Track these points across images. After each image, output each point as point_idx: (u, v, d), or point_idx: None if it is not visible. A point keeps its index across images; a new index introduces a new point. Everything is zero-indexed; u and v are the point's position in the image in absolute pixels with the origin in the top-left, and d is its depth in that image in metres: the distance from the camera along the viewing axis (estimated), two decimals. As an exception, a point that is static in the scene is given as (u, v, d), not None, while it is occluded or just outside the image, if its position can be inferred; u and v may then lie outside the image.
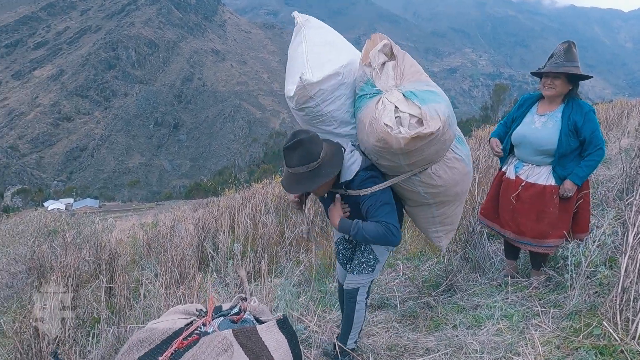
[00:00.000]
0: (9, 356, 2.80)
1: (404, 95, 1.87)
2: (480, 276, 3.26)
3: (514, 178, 2.92)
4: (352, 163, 2.00)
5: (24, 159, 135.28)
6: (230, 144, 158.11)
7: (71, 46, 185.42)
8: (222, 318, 1.92)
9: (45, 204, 64.09)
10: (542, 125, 2.80)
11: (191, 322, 1.88)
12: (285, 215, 5.37)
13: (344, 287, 2.30)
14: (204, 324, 1.84)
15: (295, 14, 2.23)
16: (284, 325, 1.85)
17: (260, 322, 1.91)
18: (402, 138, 1.79)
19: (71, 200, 78.45)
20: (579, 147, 2.75)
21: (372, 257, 2.22)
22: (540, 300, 2.71)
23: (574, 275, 2.65)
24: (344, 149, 2.04)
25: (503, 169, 3.06)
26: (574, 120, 2.70)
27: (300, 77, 1.93)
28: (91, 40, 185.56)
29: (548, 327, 2.38)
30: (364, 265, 2.22)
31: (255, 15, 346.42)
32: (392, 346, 2.52)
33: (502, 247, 3.51)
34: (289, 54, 2.21)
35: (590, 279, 2.59)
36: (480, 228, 3.46)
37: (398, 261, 3.78)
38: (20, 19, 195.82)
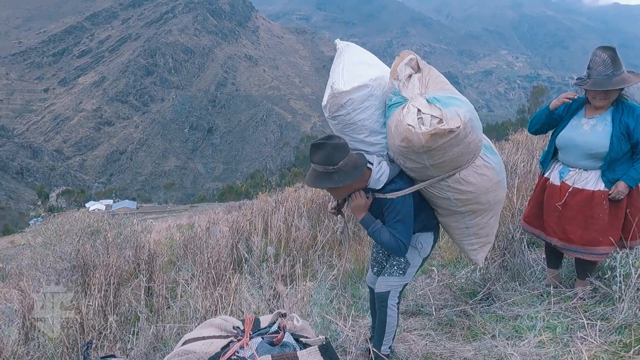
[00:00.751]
0: (55, 350, 2.93)
1: (427, 100, 2.01)
2: (520, 285, 3.15)
3: (559, 184, 2.82)
4: (381, 175, 2.12)
5: (68, 162, 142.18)
6: (262, 147, 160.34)
7: (112, 54, 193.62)
8: (260, 339, 1.82)
9: (87, 205, 67.11)
10: (591, 129, 2.71)
11: (228, 345, 1.78)
12: (318, 219, 5.39)
13: (375, 290, 2.34)
14: (241, 347, 1.74)
15: (337, 41, 2.40)
16: (327, 351, 1.73)
17: (300, 342, 1.80)
18: (422, 134, 1.91)
19: (111, 201, 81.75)
20: (629, 151, 2.64)
21: (403, 260, 2.26)
22: (585, 312, 2.59)
23: (623, 286, 2.52)
24: (372, 165, 2.15)
25: (546, 175, 2.96)
26: (625, 123, 2.59)
27: (331, 86, 2.13)
28: (131, 47, 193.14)
29: (595, 340, 2.27)
30: (395, 267, 2.27)
31: (288, 21, 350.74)
32: (428, 354, 2.47)
33: (543, 256, 3.38)
34: (330, 73, 2.36)
35: (641, 291, 2.45)
36: (521, 235, 3.34)
37: (433, 267, 3.71)
38: (67, 28, 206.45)
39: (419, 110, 1.97)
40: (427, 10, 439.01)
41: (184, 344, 1.82)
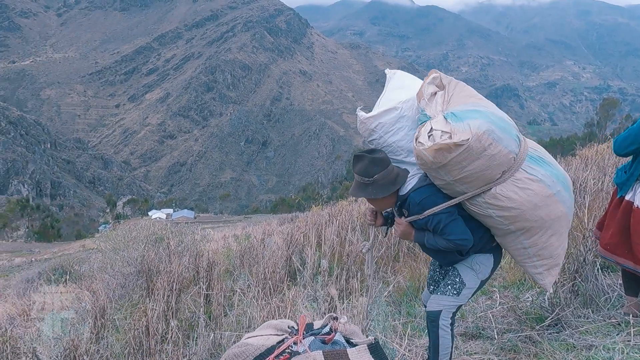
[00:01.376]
0: (122, 351, 3.10)
1: (444, 117, 2.00)
2: (593, 312, 2.91)
3: None
4: (408, 184, 2.17)
5: (134, 172, 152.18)
6: (315, 160, 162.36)
7: (177, 71, 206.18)
8: (312, 337, 1.90)
9: (150, 213, 71.16)
10: None
11: (283, 340, 1.89)
12: (372, 234, 5.33)
13: (427, 309, 2.28)
14: (295, 343, 1.84)
15: (387, 70, 2.48)
16: (376, 349, 1.80)
17: (352, 344, 1.88)
18: (427, 150, 1.93)
19: (171, 210, 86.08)
20: None
21: (458, 280, 2.20)
22: (672, 346, 2.34)
23: None
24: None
25: (627, 198, 2.70)
26: None
27: (357, 114, 2.30)
28: (194, 65, 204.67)
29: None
30: (449, 287, 2.21)
31: (342, 36, 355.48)
32: (490, 381, 2.34)
33: (620, 282, 3.11)
34: None
35: None
36: (594, 258, 3.10)
37: (494, 289, 3.53)
38: (137, 49, 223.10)
39: (432, 127, 1.98)
40: (486, 22, 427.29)
41: (242, 345, 1.91)
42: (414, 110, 2.19)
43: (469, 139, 1.88)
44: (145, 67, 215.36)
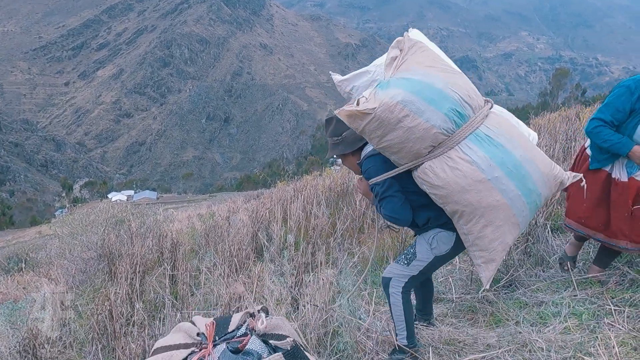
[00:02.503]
0: (86, 336, 3.04)
1: (376, 85, 1.96)
2: (543, 271, 3.11)
3: (627, 180, 2.52)
4: (368, 147, 2.20)
5: (89, 154, 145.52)
6: (279, 136, 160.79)
7: (129, 46, 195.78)
8: (225, 345, 1.68)
9: (109, 196, 68.73)
10: None
11: (192, 352, 1.67)
12: (337, 207, 5.40)
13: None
14: (202, 358, 1.61)
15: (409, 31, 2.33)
16: (294, 356, 1.60)
17: (269, 345, 1.66)
18: (339, 113, 1.94)
19: (132, 192, 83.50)
20: None
21: (412, 250, 2.20)
22: (613, 298, 2.54)
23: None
24: None
25: (608, 170, 2.60)
26: None
27: (331, 76, 2.36)
28: (147, 39, 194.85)
29: (623, 327, 2.23)
30: (403, 256, 2.24)
31: (302, 8, 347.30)
32: (450, 341, 2.47)
33: (567, 243, 3.33)
34: None
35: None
36: (544, 221, 3.28)
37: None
38: (84, 22, 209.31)
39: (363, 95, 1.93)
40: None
41: (152, 353, 1.74)
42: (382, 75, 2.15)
43: (374, 108, 1.82)
44: (94, 41, 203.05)
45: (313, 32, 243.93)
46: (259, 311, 1.84)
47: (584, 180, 2.19)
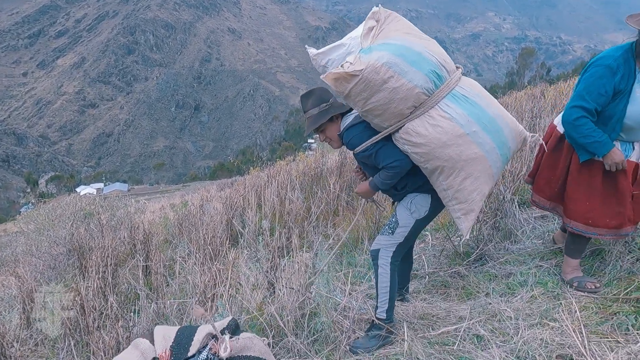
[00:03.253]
0: (58, 333, 2.97)
1: (359, 50, 2.07)
2: (511, 244, 3.22)
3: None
4: (347, 118, 2.30)
5: (54, 147, 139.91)
6: (251, 123, 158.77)
7: (90, 33, 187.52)
8: None
9: (78, 189, 66.52)
10: None
11: None
12: (311, 191, 5.41)
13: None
14: None
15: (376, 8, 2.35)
16: None
17: None
18: (325, 77, 2.04)
19: (101, 184, 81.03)
20: None
21: (394, 219, 2.29)
22: (575, 266, 2.65)
23: (612, 242, 2.58)
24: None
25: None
26: None
27: (307, 50, 2.35)
28: (109, 26, 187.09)
29: (584, 293, 2.35)
30: (386, 227, 2.32)
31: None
32: (424, 315, 2.54)
33: (534, 215, 3.45)
34: None
35: (629, 244, 2.52)
36: (512, 195, 3.38)
37: (427, 232, 3.77)
38: (40, 8, 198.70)
39: (346, 61, 2.04)
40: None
41: None
42: (359, 46, 2.19)
43: (362, 69, 1.93)
44: (52, 29, 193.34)
45: (282, 15, 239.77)
46: (223, 332, 1.66)
47: (545, 147, 2.39)
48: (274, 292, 2.73)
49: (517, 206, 3.48)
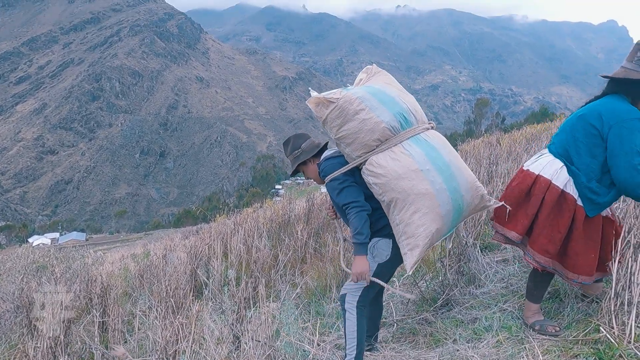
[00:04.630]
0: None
1: (344, 87, 2.39)
2: (476, 289, 3.27)
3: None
4: (327, 154, 2.48)
5: (7, 195, 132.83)
6: (218, 169, 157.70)
7: (54, 79, 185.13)
8: None
9: (30, 240, 62.60)
10: None
11: None
12: (279, 239, 5.36)
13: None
14: None
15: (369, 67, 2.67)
16: None
17: None
18: (309, 102, 2.32)
19: (57, 234, 76.79)
20: None
21: None
22: (536, 309, 2.72)
23: (567, 285, 2.68)
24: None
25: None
26: None
27: (310, 92, 2.52)
28: (74, 72, 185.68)
29: (546, 336, 2.40)
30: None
31: (238, 42, 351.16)
32: (393, 365, 2.50)
33: (496, 259, 3.55)
34: None
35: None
36: (474, 240, 3.48)
37: (394, 279, 3.78)
38: (1, 54, 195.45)
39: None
40: (374, 29, 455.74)
41: None
42: None
43: (339, 98, 2.23)
44: (13, 74, 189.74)
45: (250, 65, 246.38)
46: None
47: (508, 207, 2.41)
48: (240, 345, 2.63)
49: (479, 250, 3.58)
